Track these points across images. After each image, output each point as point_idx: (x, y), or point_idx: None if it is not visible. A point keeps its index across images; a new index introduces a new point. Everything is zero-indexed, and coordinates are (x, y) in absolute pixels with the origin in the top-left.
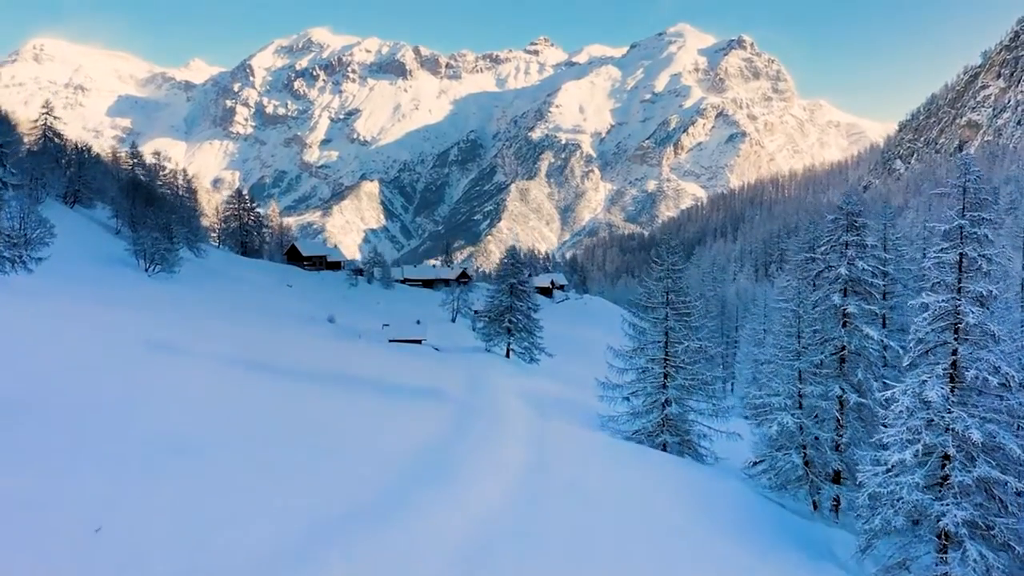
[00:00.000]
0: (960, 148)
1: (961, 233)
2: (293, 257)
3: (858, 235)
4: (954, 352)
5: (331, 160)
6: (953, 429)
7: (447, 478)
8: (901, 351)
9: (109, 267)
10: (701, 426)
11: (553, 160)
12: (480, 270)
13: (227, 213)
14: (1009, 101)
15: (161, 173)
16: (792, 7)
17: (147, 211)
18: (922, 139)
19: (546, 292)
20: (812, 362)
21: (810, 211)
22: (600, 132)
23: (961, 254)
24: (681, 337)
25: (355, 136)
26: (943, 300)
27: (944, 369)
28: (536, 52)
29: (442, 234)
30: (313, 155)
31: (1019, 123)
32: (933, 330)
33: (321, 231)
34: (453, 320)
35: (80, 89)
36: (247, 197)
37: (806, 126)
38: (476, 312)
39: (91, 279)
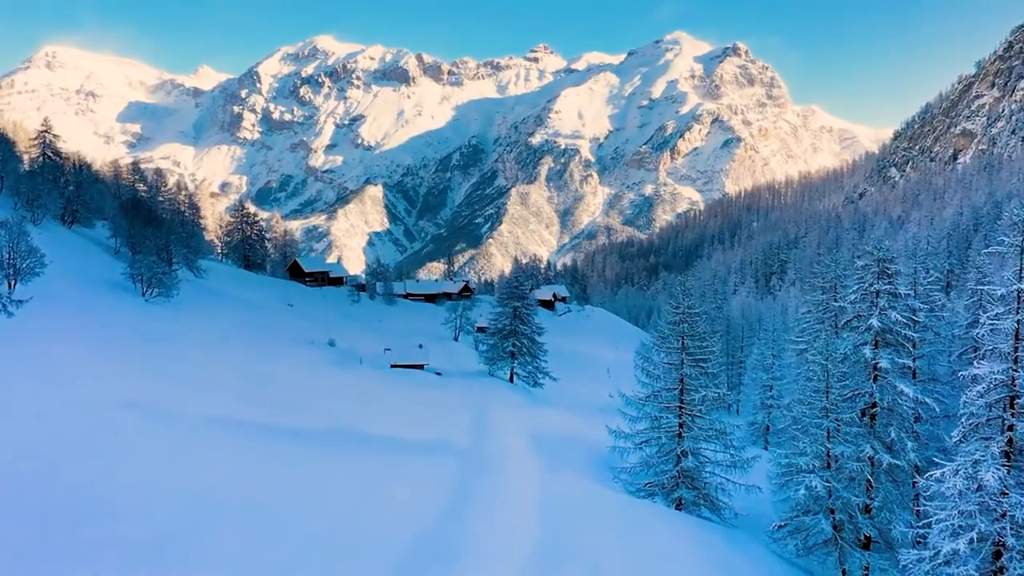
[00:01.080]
0: (955, 157)
1: (1019, 298)
2: (295, 273)
3: (890, 283)
4: (1010, 428)
5: (336, 165)
6: (1011, 516)
7: (450, 571)
8: (936, 406)
9: (105, 292)
10: (719, 478)
11: (553, 165)
12: (482, 277)
13: (230, 227)
14: (1003, 110)
15: (163, 188)
16: (786, 15)
17: (146, 231)
18: (917, 147)
19: (548, 305)
20: (841, 419)
21: (808, 221)
22: (598, 137)
23: (1019, 321)
24: (698, 385)
25: (359, 141)
26: (998, 371)
27: (999, 448)
28: (536, 59)
29: (444, 237)
30: (318, 160)
31: (1014, 132)
32: (986, 404)
33: (326, 234)
34: (456, 339)
35: (91, 95)
36: (250, 211)
37: (799, 131)
38: (479, 329)
39: (84, 307)
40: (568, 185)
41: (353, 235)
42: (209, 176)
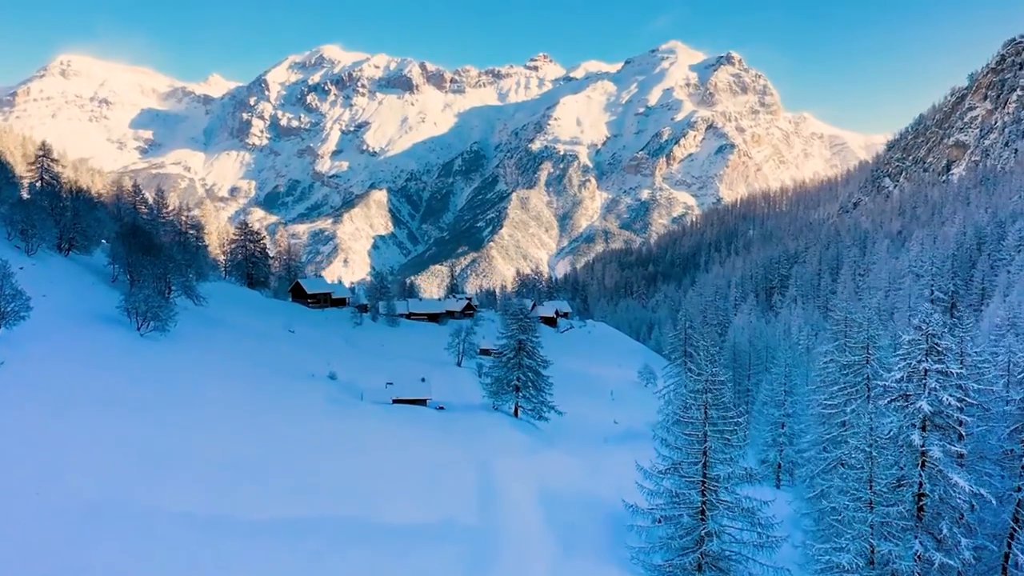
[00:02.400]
0: (948, 168)
1: None
2: (298, 295)
3: (940, 361)
4: None
5: (342, 170)
6: None
7: None
8: (991, 496)
9: (97, 328)
10: (746, 559)
11: (552, 170)
12: (484, 286)
13: (233, 244)
14: (996, 122)
15: (165, 209)
16: (779, 26)
17: (144, 260)
18: (910, 158)
19: (550, 322)
20: (886, 512)
21: (808, 235)
22: (596, 143)
23: None
24: (723, 458)
25: (365, 147)
26: None
27: None
28: (536, 68)
29: (447, 240)
30: (325, 165)
31: (1007, 144)
32: None
33: (332, 237)
34: (459, 364)
35: (104, 103)
36: (253, 228)
37: (791, 138)
38: (482, 351)
39: (72, 348)
40: (567, 190)
41: (358, 238)
42: (219, 181)
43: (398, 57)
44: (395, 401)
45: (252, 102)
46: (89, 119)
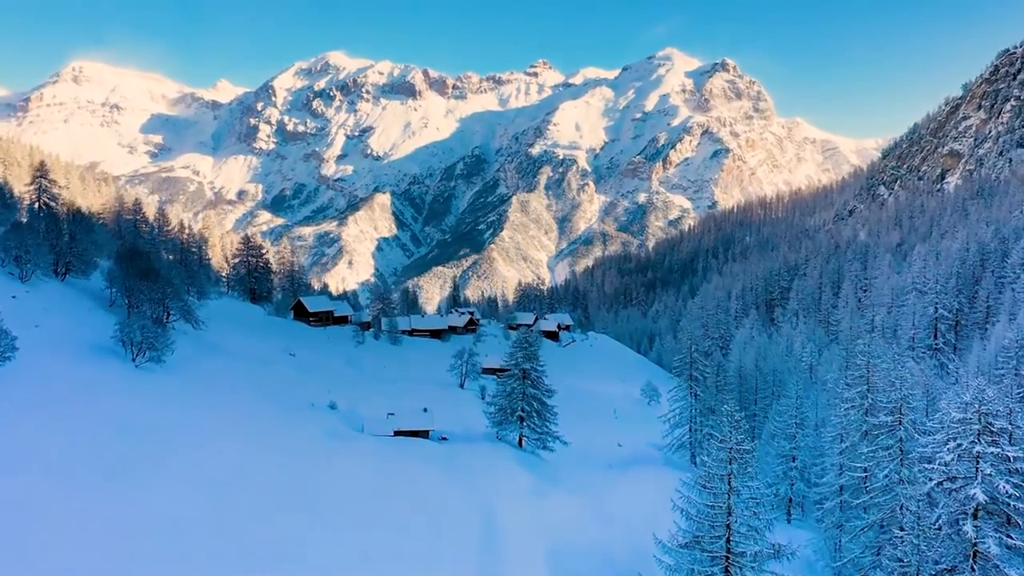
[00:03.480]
0: (943, 176)
1: None
2: (300, 313)
3: (995, 444)
4: None
5: (347, 174)
6: None
7: None
8: None
9: (91, 359)
10: None
11: (551, 174)
12: (486, 293)
13: (236, 259)
14: (991, 132)
15: (166, 228)
16: (773, 33)
17: (142, 285)
18: (905, 166)
19: (552, 336)
20: None
21: (807, 248)
22: (594, 148)
23: None
24: (749, 534)
25: (369, 152)
26: None
27: None
28: (536, 74)
29: (449, 242)
30: (330, 169)
31: (1001, 154)
32: None
33: (337, 240)
34: (461, 385)
35: (116, 108)
36: (255, 243)
37: (784, 143)
38: (485, 370)
39: (62, 386)
40: (566, 193)
41: (363, 240)
42: (227, 184)
43: (401, 64)
44: (397, 433)
45: (259, 107)
46: (101, 124)
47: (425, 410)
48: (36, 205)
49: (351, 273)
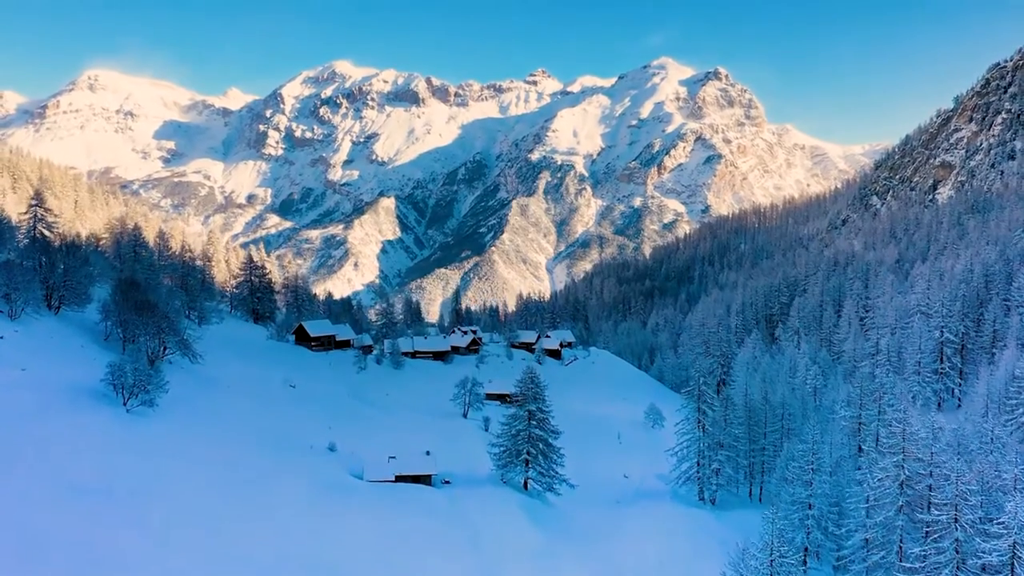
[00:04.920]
0: (935, 187)
1: None
2: (301, 338)
3: None
4: None
5: (352, 179)
6: None
7: None
8: None
9: (79, 406)
10: None
11: (550, 179)
12: (488, 305)
13: (239, 279)
14: (982, 144)
15: (167, 251)
16: (764, 43)
17: (138, 319)
18: (897, 177)
19: (555, 355)
20: None
21: (807, 262)
22: (592, 154)
23: None
24: None
25: (374, 157)
26: None
27: None
28: (535, 82)
29: (451, 245)
30: (336, 174)
31: (993, 166)
32: None
33: (343, 242)
34: (465, 415)
35: (130, 115)
36: (258, 263)
37: (775, 148)
38: (488, 395)
39: (41, 439)
40: (564, 198)
41: (368, 243)
42: (237, 188)
43: (405, 72)
44: (398, 478)
45: (268, 114)
46: (115, 130)
47: (428, 453)
48: (32, 234)
49: (357, 275)
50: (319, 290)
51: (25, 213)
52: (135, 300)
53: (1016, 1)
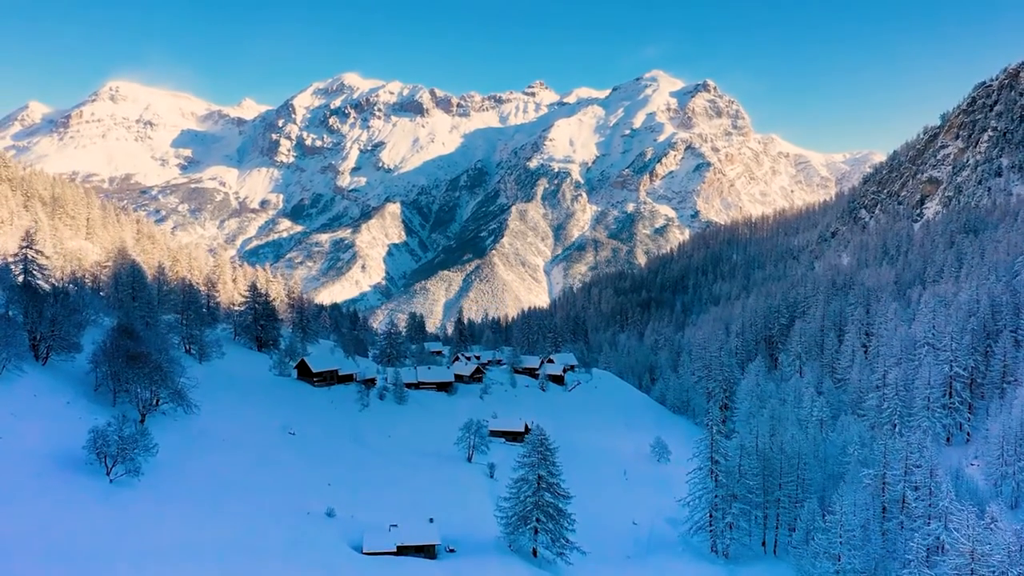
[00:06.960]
0: (922, 202)
1: None
2: (303, 373)
3: None
4: None
5: (360, 185)
6: None
7: None
8: None
9: (57, 480)
10: None
11: (547, 185)
12: (490, 318)
13: (242, 307)
14: (968, 160)
15: (167, 283)
16: (752, 55)
17: (129, 372)
18: (885, 191)
19: (558, 380)
20: None
21: (808, 287)
22: (587, 162)
23: None
24: None
25: (380, 164)
26: None
27: None
28: (533, 93)
29: (454, 248)
30: (345, 180)
31: (980, 182)
32: None
33: (351, 246)
34: (469, 459)
35: (149, 124)
36: (260, 290)
37: (760, 157)
38: (491, 432)
39: (12, 518)
40: (561, 203)
41: (375, 246)
42: (250, 194)
43: (410, 84)
44: (400, 549)
45: (280, 124)
46: (135, 139)
47: (431, 520)
48: (20, 279)
49: (364, 276)
50: (328, 292)
51: (15, 254)
52: (127, 350)
53: (1001, 21)
